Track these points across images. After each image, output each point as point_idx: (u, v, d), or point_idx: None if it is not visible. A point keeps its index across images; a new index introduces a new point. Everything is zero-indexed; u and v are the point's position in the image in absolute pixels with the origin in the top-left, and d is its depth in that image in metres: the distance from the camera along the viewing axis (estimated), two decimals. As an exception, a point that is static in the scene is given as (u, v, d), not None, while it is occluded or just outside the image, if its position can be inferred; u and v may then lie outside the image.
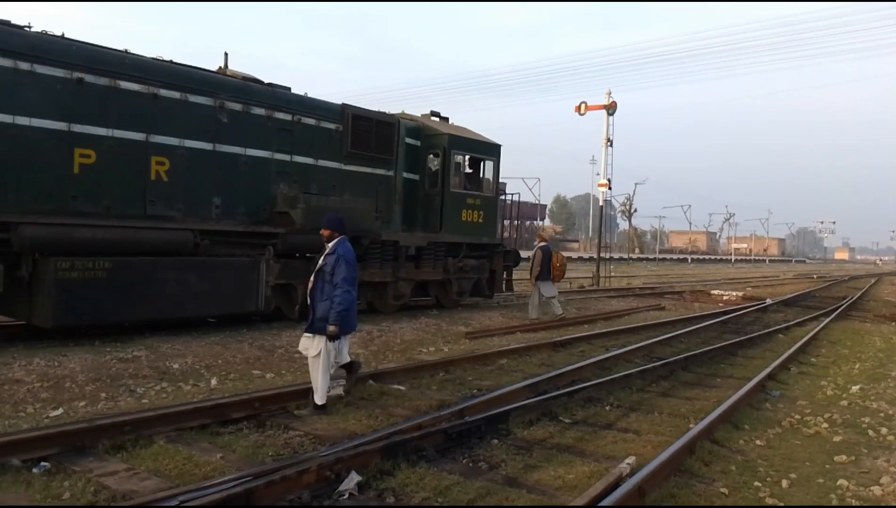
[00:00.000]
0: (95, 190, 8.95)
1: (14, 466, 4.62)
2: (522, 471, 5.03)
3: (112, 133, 9.07)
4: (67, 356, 7.83)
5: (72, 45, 8.90)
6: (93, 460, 4.85)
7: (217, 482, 4.26)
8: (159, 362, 8.06)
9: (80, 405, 6.35)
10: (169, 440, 5.33)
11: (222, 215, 10.39)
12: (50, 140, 8.55)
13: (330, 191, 11.94)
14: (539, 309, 14.28)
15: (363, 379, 7.44)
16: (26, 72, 8.32)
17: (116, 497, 4.22)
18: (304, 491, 4.37)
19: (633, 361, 9.70)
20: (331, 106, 12.21)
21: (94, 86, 8.90)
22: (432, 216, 14.04)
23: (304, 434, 5.73)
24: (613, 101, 25.86)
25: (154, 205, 9.54)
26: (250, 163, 10.78)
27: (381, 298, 13.29)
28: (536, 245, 14.52)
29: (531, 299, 14.52)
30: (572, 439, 5.89)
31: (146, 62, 9.66)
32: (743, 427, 6.61)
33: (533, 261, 14.15)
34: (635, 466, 4.86)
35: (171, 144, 9.71)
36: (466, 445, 5.54)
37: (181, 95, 9.80)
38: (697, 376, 9.05)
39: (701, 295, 23.38)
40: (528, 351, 10.02)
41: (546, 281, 14.12)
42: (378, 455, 4.92)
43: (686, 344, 11.63)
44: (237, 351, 9.00)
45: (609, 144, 26.21)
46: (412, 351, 10.06)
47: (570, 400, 7.01)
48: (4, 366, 7.22)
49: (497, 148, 15.49)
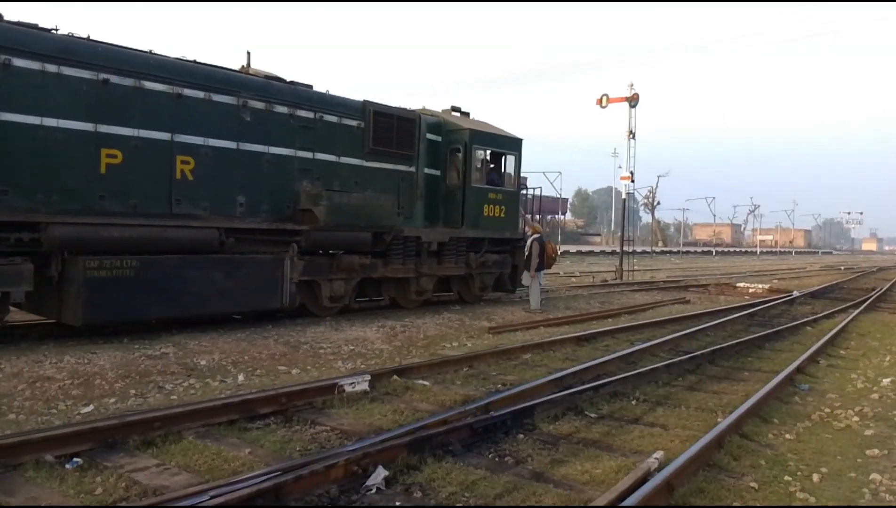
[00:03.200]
0: (122, 189, 9.07)
1: (48, 462, 4.70)
2: (549, 466, 5.02)
3: (138, 133, 9.19)
4: (97, 353, 7.95)
5: (97, 46, 9.01)
6: (124, 456, 4.92)
7: (246, 477, 4.31)
8: (187, 359, 8.15)
9: (110, 401, 6.45)
10: (198, 435, 5.41)
11: (247, 213, 10.48)
12: (77, 141, 8.67)
13: (352, 188, 11.99)
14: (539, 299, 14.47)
15: (387, 374, 7.48)
16: (54, 74, 8.44)
17: (147, 493, 4.28)
18: (332, 486, 4.40)
19: (659, 355, 9.63)
20: (352, 103, 12.24)
21: (120, 87, 9.01)
22: (454, 211, 14.04)
23: (330, 430, 5.77)
24: (635, 93, 25.61)
25: (180, 204, 9.65)
26: (273, 161, 10.86)
27: (404, 294, 13.33)
28: (531, 237, 14.44)
29: (532, 290, 14.55)
30: (599, 433, 5.87)
31: (170, 62, 9.76)
32: (772, 420, 6.54)
33: (531, 253, 14.17)
34: (663, 461, 4.83)
35: (195, 143, 9.81)
36: (492, 440, 5.54)
37: (205, 95, 9.89)
38: (724, 370, 8.96)
39: (726, 287, 23.12)
40: (551, 345, 9.99)
41: (540, 272, 14.34)
42: (404, 449, 4.94)
43: (712, 338, 11.52)
44: (263, 347, 9.08)
45: (631, 136, 26.00)
46: (435, 347, 10.07)
47: (596, 394, 6.98)
48: (36, 364, 7.35)
49: (518, 142, 15.42)
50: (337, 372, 8.01)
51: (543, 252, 14.32)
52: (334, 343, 9.69)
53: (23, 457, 4.66)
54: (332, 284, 11.59)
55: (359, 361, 8.77)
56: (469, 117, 15.14)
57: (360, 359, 8.88)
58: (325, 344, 9.59)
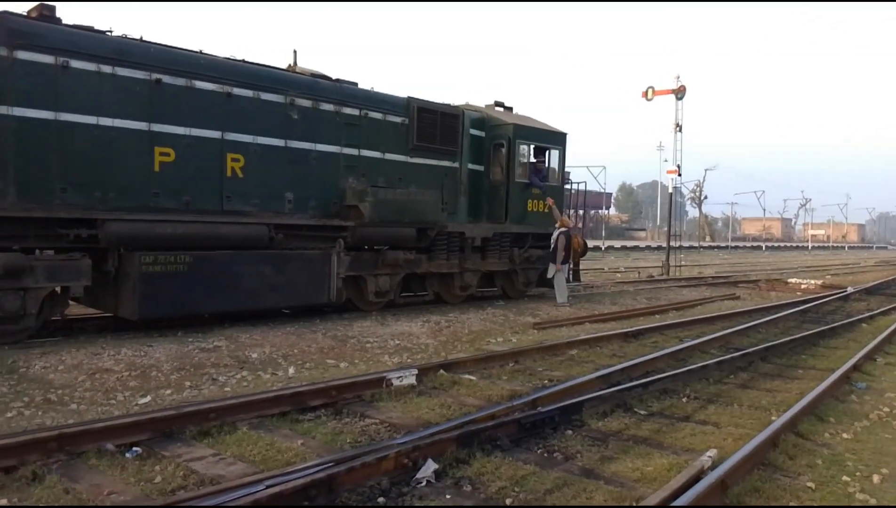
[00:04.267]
0: (175, 187, 9.31)
1: (109, 450, 4.86)
2: (599, 463, 4.98)
3: (189, 131, 9.41)
4: (152, 346, 8.18)
5: (150, 47, 9.25)
6: (181, 445, 5.06)
7: (300, 467, 4.40)
8: (239, 352, 8.33)
9: (166, 393, 6.64)
10: (251, 426, 5.52)
11: (295, 209, 10.65)
12: (132, 139, 8.92)
13: (397, 184, 12.07)
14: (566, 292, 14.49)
15: (434, 368, 7.52)
16: (108, 75, 8.69)
17: (205, 482, 4.39)
18: (383, 478, 4.45)
19: (709, 352, 9.46)
20: (397, 99, 12.31)
21: (172, 87, 9.23)
22: (497, 206, 14.01)
23: (379, 422, 5.83)
24: (682, 85, 25.16)
25: (230, 201, 9.85)
26: (320, 157, 11.00)
27: (448, 289, 13.37)
28: (559, 230, 14.27)
29: (558, 284, 14.43)
30: (649, 431, 5.80)
31: (220, 62, 9.96)
32: (828, 419, 6.37)
33: (557, 247, 14.05)
34: (717, 459, 4.74)
35: (245, 141, 10.00)
36: (540, 435, 5.53)
37: (254, 94, 10.07)
38: (777, 367, 8.76)
39: (777, 283, 22.56)
40: (598, 341, 9.90)
41: (565, 265, 14.30)
42: (453, 443, 4.96)
43: (764, 335, 11.27)
44: (311, 341, 9.22)
45: (678, 129, 25.55)
46: (480, 342, 10.08)
47: (645, 391, 6.90)
48: (95, 356, 7.60)
49: (563, 136, 15.30)
50: (384, 366, 8.09)
51: (569, 245, 14.24)
52: (380, 337, 9.78)
53: (85, 446, 4.83)
54: (378, 279, 11.70)
55: (405, 355, 8.84)
56: (512, 112, 15.07)
57: (406, 354, 8.94)
58: (372, 338, 9.69)
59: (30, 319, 8.14)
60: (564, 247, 14.07)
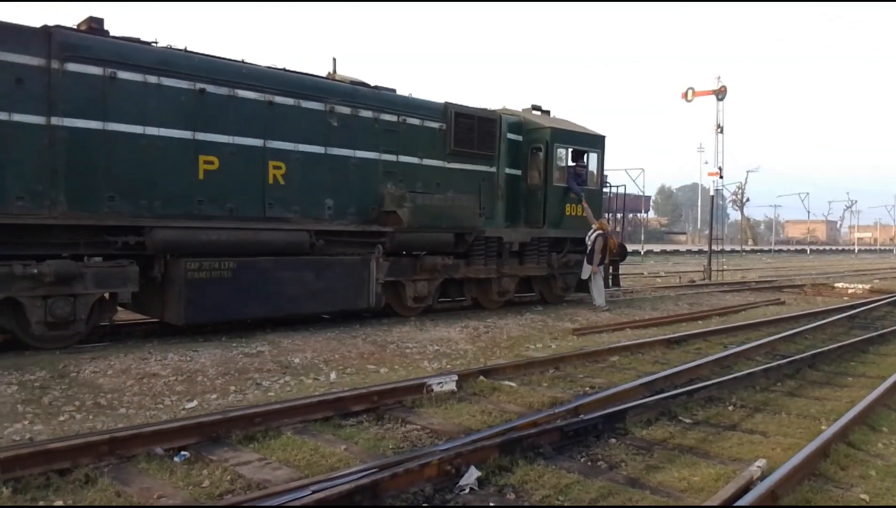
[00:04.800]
0: (219, 194, 9.48)
1: (158, 454, 4.95)
2: (644, 472, 4.91)
3: (233, 140, 9.58)
4: (198, 351, 8.33)
5: (194, 57, 9.45)
6: (227, 450, 5.13)
7: (345, 473, 4.43)
8: (281, 356, 8.44)
9: (212, 397, 6.75)
10: (296, 431, 5.58)
11: (334, 215, 10.76)
12: (177, 148, 9.12)
13: (434, 189, 12.10)
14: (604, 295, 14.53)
15: (474, 374, 7.51)
16: (154, 85, 8.90)
17: (252, 486, 4.45)
18: (427, 484, 4.45)
19: (755, 359, 9.27)
20: (434, 105, 12.36)
21: (216, 96, 9.42)
22: (535, 211, 13.95)
23: (420, 428, 5.84)
24: (723, 86, 24.75)
25: (272, 208, 10.00)
26: (359, 164, 11.10)
27: (486, 294, 13.35)
28: (596, 233, 14.14)
29: (595, 286, 14.42)
30: (695, 440, 5.70)
31: (262, 71, 10.13)
32: (881, 429, 6.19)
33: (594, 249, 13.97)
34: (766, 469, 4.64)
35: (286, 149, 10.15)
36: (583, 443, 5.47)
37: (294, 102, 10.22)
38: (826, 374, 8.54)
39: (823, 288, 22.00)
40: (640, 348, 9.77)
41: (601, 267, 14.34)
42: (496, 450, 4.94)
43: (811, 341, 11.00)
44: (352, 346, 9.29)
45: (719, 131, 25.14)
46: (519, 348, 10.04)
47: (690, 399, 6.78)
48: (142, 361, 7.77)
49: (601, 139, 15.17)
50: (423, 371, 8.11)
51: (606, 247, 14.15)
52: (419, 342, 9.81)
53: (136, 450, 4.93)
54: (416, 285, 11.74)
55: (444, 361, 8.84)
56: (550, 115, 15.00)
57: (445, 359, 8.95)
58: (411, 343, 9.72)
59: (79, 325, 8.36)
60: (602, 250, 13.97)
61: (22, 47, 7.92)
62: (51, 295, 8.00)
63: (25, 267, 7.78)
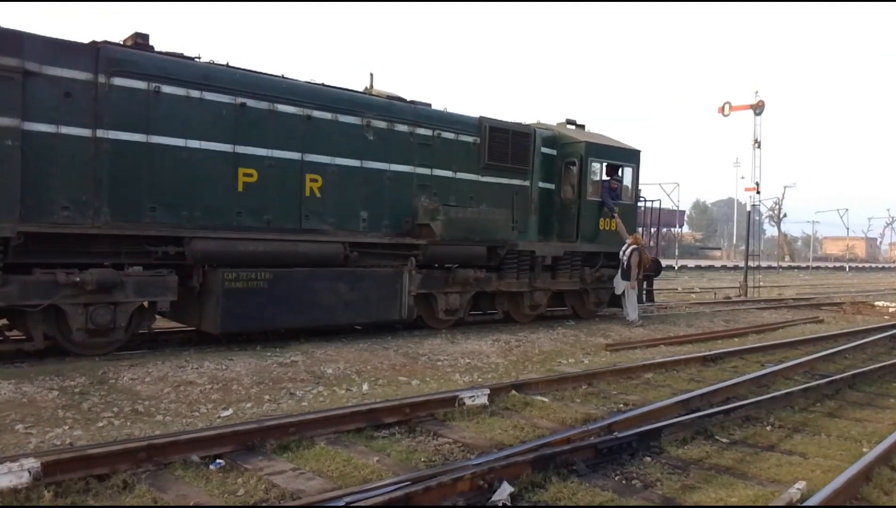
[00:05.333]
0: (257, 206, 9.64)
1: (194, 462, 5.02)
2: (680, 492, 4.84)
3: (271, 153, 9.75)
4: (233, 360, 8.44)
5: (235, 72, 9.65)
6: (262, 459, 5.18)
7: (378, 485, 4.44)
8: (314, 367, 8.51)
9: (246, 406, 6.83)
10: (329, 441, 5.62)
11: (369, 228, 10.86)
12: (217, 161, 9.30)
13: (468, 203, 12.14)
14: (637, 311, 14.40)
15: (506, 388, 7.48)
16: (197, 99, 9.11)
17: (286, 496, 4.50)
18: (459, 498, 4.44)
19: (793, 378, 9.08)
20: (469, 119, 12.42)
21: (256, 110, 9.60)
22: (568, 225, 13.89)
23: (452, 442, 5.84)
24: (761, 100, 24.42)
25: (308, 220, 10.13)
26: (394, 177, 11.19)
27: (517, 308, 13.30)
28: (630, 248, 14.00)
29: (629, 301, 14.29)
30: (732, 460, 5.60)
31: (301, 86, 10.30)
32: (926, 454, 6.00)
33: (630, 264, 13.85)
34: (806, 491, 4.54)
35: (323, 162, 10.29)
36: (617, 461, 5.41)
37: (332, 116, 10.36)
38: (867, 395, 8.33)
39: (863, 306, 21.46)
40: (675, 365, 9.64)
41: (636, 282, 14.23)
42: (529, 466, 4.91)
43: (851, 360, 10.74)
44: (384, 357, 9.34)
45: (757, 145, 24.78)
46: (551, 362, 9.98)
47: (727, 418, 6.67)
48: (179, 369, 7.90)
49: (636, 154, 15.06)
50: (455, 384, 8.10)
51: (641, 262, 14.02)
52: (451, 355, 9.81)
53: (172, 457, 5.00)
54: (448, 297, 11.76)
55: (475, 374, 8.83)
56: (584, 130, 14.96)
57: (476, 373, 8.94)
58: (443, 356, 9.73)
59: (119, 332, 8.54)
60: (637, 264, 13.86)
61: (71, 62, 8.17)
62: (92, 302, 8.19)
63: (68, 275, 7.99)
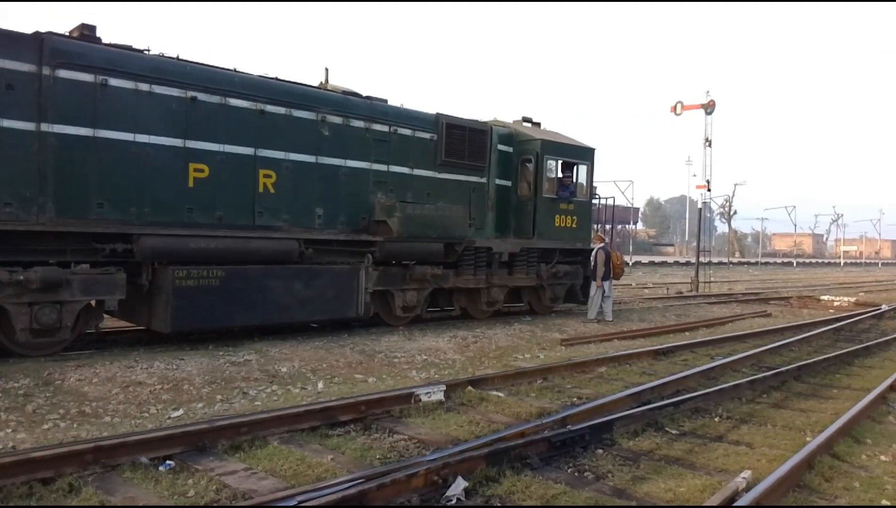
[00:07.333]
0: (209, 202, 9.47)
1: (143, 463, 4.91)
2: (631, 483, 4.93)
3: (223, 148, 9.59)
4: (184, 359, 8.29)
5: (186, 65, 9.45)
6: (213, 459, 5.10)
7: (331, 483, 4.41)
8: (268, 366, 8.41)
9: (197, 406, 6.71)
10: (282, 441, 5.56)
11: (324, 225, 10.76)
12: (167, 156, 9.10)
13: (425, 200, 12.14)
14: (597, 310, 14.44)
15: (462, 384, 7.51)
16: (146, 92, 8.90)
17: (237, 496, 4.43)
18: (413, 495, 4.44)
19: (741, 371, 9.33)
20: (426, 116, 12.41)
21: (207, 104, 9.42)
22: (525, 222, 14.01)
23: (408, 438, 5.83)
24: (712, 100, 25.00)
25: (262, 216, 10.00)
26: (350, 173, 11.12)
27: (475, 304, 13.37)
28: (596, 246, 14.28)
29: (594, 299, 14.47)
30: (681, 451, 5.73)
31: (254, 80, 10.14)
32: (865, 441, 6.24)
33: (597, 263, 14.07)
34: (751, 480, 4.67)
35: (277, 158, 10.16)
36: (570, 454, 5.48)
37: (286, 111, 10.24)
38: (811, 387, 8.60)
39: (809, 300, 22.19)
40: (627, 359, 9.81)
41: (607, 281, 14.30)
42: (483, 461, 4.94)
43: (797, 353, 11.08)
44: (340, 355, 9.27)
45: (707, 144, 25.36)
46: (508, 358, 10.05)
47: (677, 410, 6.81)
48: (128, 369, 7.72)
49: (591, 151, 15.26)
50: (411, 381, 8.10)
51: (609, 261, 14.22)
52: (408, 352, 9.80)
53: (121, 459, 4.88)
54: (405, 294, 11.74)
55: (432, 371, 8.84)
56: (540, 127, 15.09)
57: (433, 369, 8.94)
58: (399, 353, 9.72)
59: (65, 332, 8.31)
60: (604, 263, 14.03)
61: (13, 53, 7.90)
62: (37, 301, 7.95)
63: (11, 273, 7.74)
